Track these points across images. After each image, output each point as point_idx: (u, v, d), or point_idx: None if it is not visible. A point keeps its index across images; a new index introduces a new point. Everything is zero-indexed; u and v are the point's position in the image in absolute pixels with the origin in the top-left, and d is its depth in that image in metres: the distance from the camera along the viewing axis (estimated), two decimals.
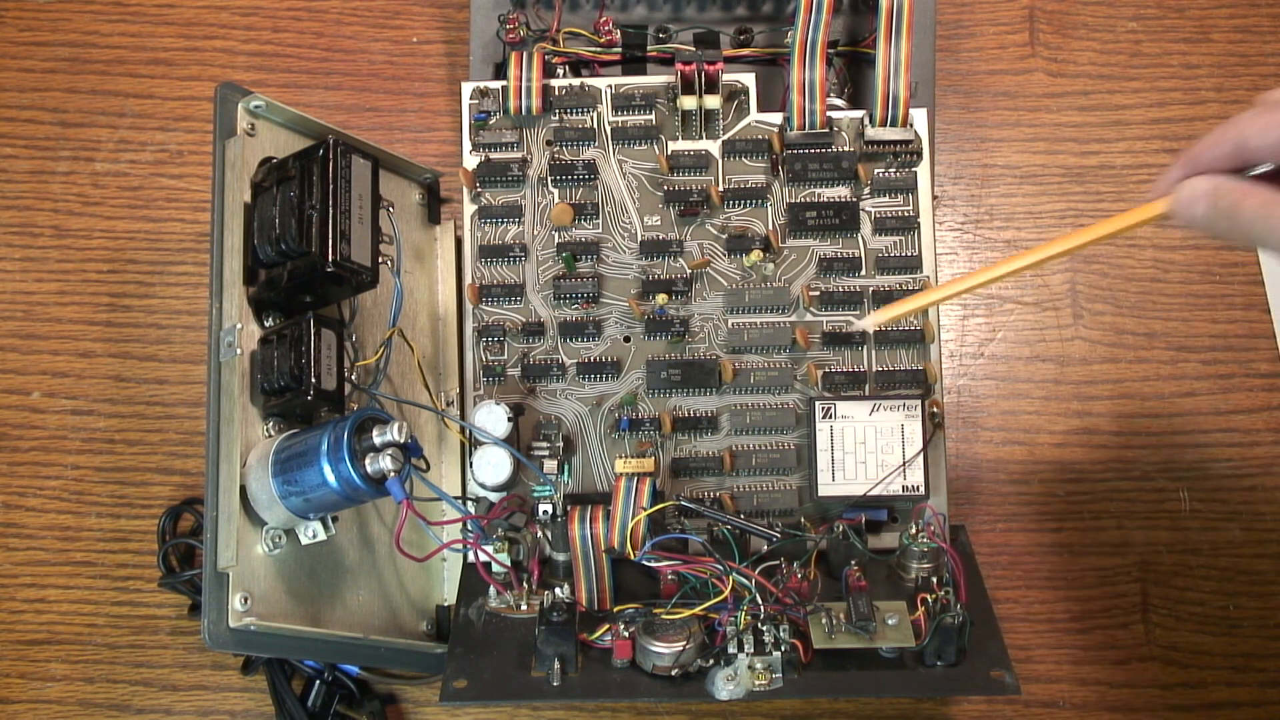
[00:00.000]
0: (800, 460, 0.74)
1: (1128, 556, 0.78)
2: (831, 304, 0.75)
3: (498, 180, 0.76)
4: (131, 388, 0.81)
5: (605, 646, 0.66)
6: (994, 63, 0.86)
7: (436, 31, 0.87)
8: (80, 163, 0.84)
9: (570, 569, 0.69)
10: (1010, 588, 0.78)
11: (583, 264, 0.75)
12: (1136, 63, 0.86)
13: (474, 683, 0.65)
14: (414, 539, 0.71)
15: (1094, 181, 0.84)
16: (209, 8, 0.87)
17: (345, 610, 0.67)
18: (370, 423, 0.61)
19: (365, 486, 0.60)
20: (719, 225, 0.76)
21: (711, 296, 0.75)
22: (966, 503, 0.79)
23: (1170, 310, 0.82)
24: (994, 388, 0.81)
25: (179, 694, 0.77)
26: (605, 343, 0.75)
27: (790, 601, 0.66)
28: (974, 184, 0.84)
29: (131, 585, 0.78)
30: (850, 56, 0.80)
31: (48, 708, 0.77)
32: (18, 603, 0.78)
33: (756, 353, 0.75)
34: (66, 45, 0.86)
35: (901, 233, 0.75)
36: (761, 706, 0.76)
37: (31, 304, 0.82)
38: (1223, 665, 0.77)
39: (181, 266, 0.83)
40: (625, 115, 0.77)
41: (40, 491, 0.80)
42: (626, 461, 0.73)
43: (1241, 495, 0.79)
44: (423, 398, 0.74)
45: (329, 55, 0.86)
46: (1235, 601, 0.78)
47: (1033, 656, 0.77)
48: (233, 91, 0.66)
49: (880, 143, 0.75)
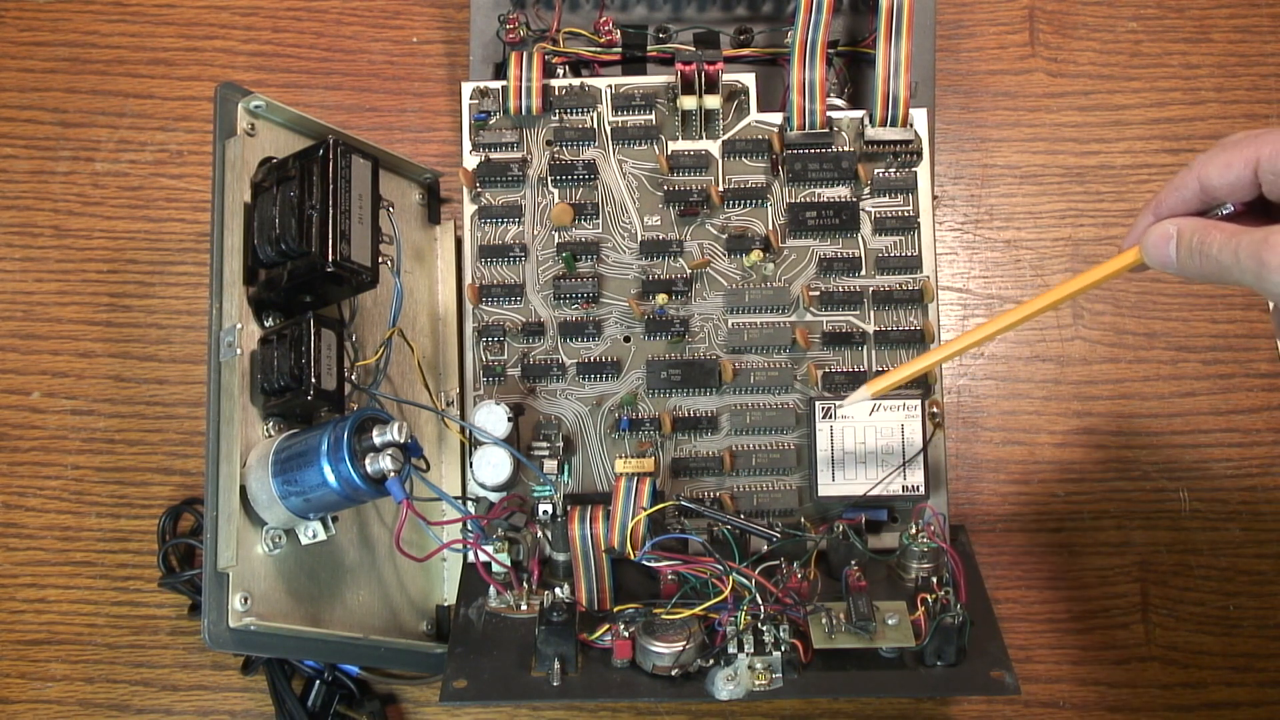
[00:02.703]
0: (800, 460, 0.74)
1: (1128, 556, 0.78)
2: (831, 304, 0.75)
3: (498, 180, 0.76)
4: (131, 388, 0.81)
5: (605, 646, 0.66)
6: (994, 63, 0.86)
7: (436, 31, 0.87)
8: (80, 163, 0.84)
9: (570, 569, 0.69)
10: (1010, 588, 0.78)
11: (583, 264, 0.75)
12: (1136, 63, 0.86)
13: (474, 683, 0.65)
14: (414, 539, 0.71)
15: (1094, 181, 0.84)
16: (209, 8, 0.87)
17: (345, 610, 0.67)
18: (370, 423, 0.61)
19: (365, 486, 0.60)
20: (719, 225, 0.76)
21: (711, 296, 0.75)
22: (966, 503, 0.79)
23: (1170, 310, 0.82)
24: (994, 388, 0.81)
25: (179, 694, 0.77)
26: (605, 343, 0.75)
27: (790, 601, 0.66)
28: (974, 184, 0.84)
29: (131, 585, 0.78)
30: (850, 56, 0.80)
31: (48, 708, 0.77)
32: (18, 603, 0.78)
33: (756, 353, 0.75)
34: (66, 45, 0.86)
35: (901, 233, 0.75)
36: (761, 706, 0.76)
37: (31, 304, 0.82)
38: (1223, 665, 0.77)
39: (181, 266, 0.83)
40: (625, 115, 0.77)
41: (40, 491, 0.80)
42: (626, 461, 0.73)
43: (1241, 495, 0.79)
44: (423, 398, 0.74)
45: (329, 55, 0.86)
46: (1235, 601, 0.78)
47: (1033, 656, 0.77)
48: (233, 91, 0.66)
49: (880, 143, 0.75)
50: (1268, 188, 0.54)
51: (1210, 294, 0.82)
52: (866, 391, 0.65)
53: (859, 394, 0.66)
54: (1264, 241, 0.51)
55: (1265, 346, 0.81)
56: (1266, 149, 0.53)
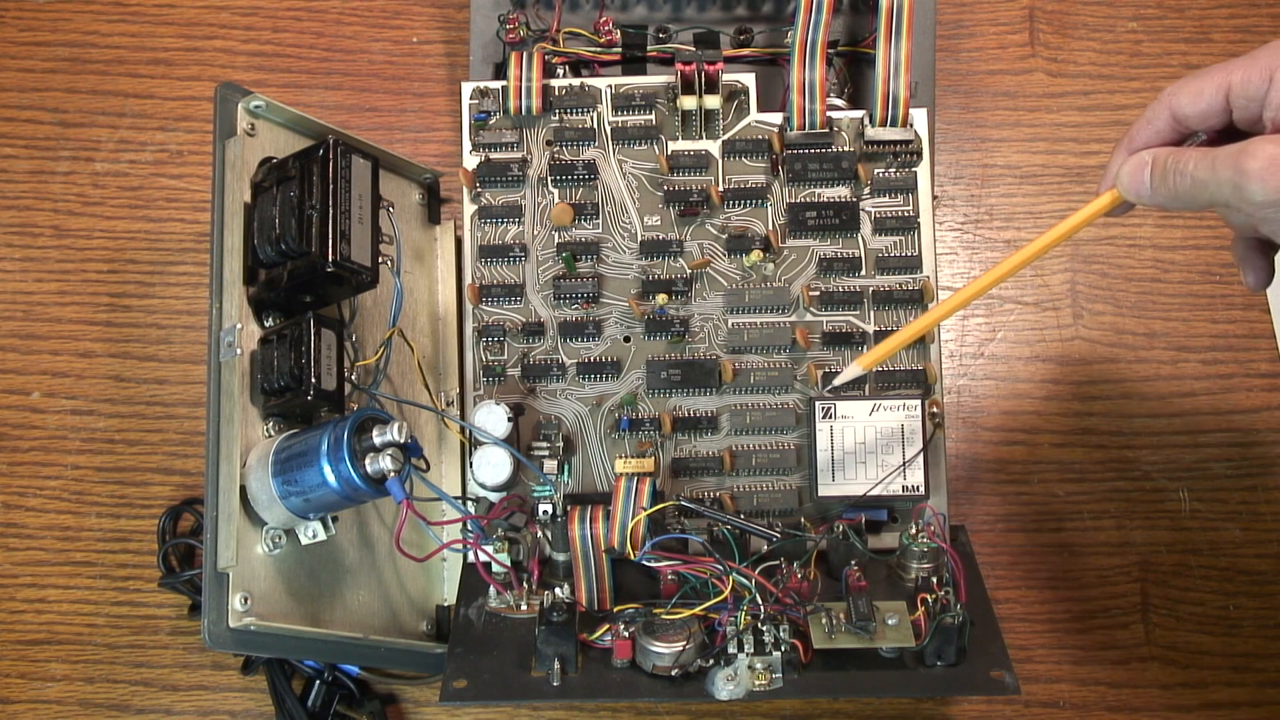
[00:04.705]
0: (800, 460, 0.74)
1: (1128, 556, 0.78)
2: (831, 304, 0.75)
3: (498, 180, 0.76)
4: (131, 388, 0.81)
5: (605, 646, 0.66)
6: (994, 63, 0.86)
7: (436, 31, 0.87)
8: (80, 163, 0.84)
9: (570, 569, 0.69)
10: (1010, 588, 0.78)
11: (583, 264, 0.75)
12: (1136, 63, 0.86)
13: (474, 683, 0.65)
14: (414, 539, 0.71)
15: (1094, 181, 0.84)
16: (209, 8, 0.87)
17: (345, 610, 0.67)
18: (370, 423, 0.61)
19: (365, 486, 0.60)
20: (719, 225, 0.76)
21: (711, 296, 0.75)
22: (966, 503, 0.79)
23: (1170, 310, 0.82)
24: (994, 388, 0.81)
25: (179, 694, 0.77)
26: (605, 343, 0.75)
27: (790, 601, 0.66)
28: (974, 184, 0.84)
29: (131, 585, 0.78)
30: (850, 56, 0.80)
31: (48, 708, 0.77)
32: (18, 603, 0.78)
33: (756, 353, 0.75)
34: (66, 45, 0.86)
35: (901, 233, 0.75)
36: (761, 706, 0.76)
37: (31, 304, 0.82)
38: (1223, 665, 0.77)
39: (181, 266, 0.83)
40: (625, 115, 0.77)
41: (40, 491, 0.80)
42: (626, 461, 0.73)
43: (1241, 495, 0.79)
44: (423, 398, 0.74)
45: (329, 55, 0.86)
46: (1235, 601, 0.78)
47: (1033, 656, 0.77)
48: (233, 91, 0.66)
49: (880, 143, 0.75)
50: (1239, 113, 0.55)
51: (1210, 294, 0.82)
52: (857, 368, 0.66)
53: (849, 370, 0.66)
54: (1242, 150, 0.52)
55: (1265, 346, 0.81)
56: (1238, 74, 0.54)
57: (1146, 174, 0.57)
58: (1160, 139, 0.58)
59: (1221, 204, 0.54)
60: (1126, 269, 0.83)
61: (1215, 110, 0.55)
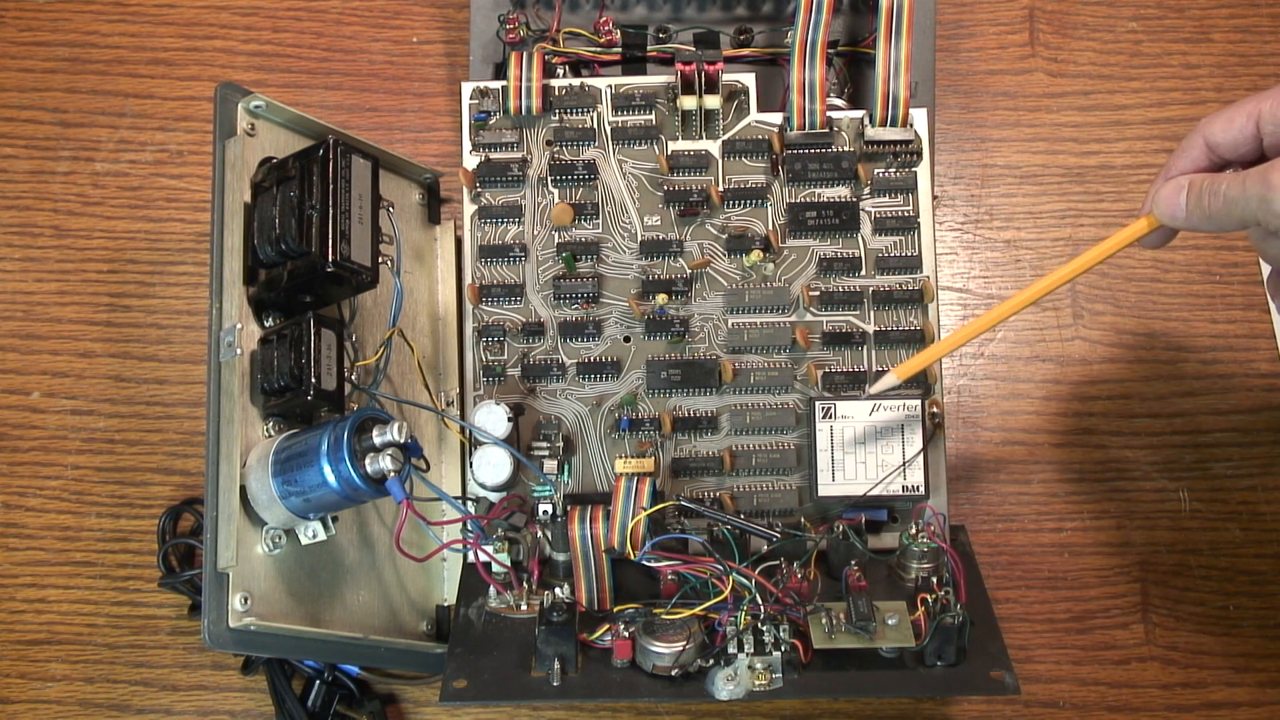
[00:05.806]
0: (800, 460, 0.74)
1: (1128, 556, 0.78)
2: (831, 304, 0.75)
3: (498, 180, 0.76)
4: (131, 388, 0.81)
5: (605, 646, 0.66)
6: (994, 63, 0.86)
7: (436, 31, 0.87)
8: (80, 163, 0.84)
9: (570, 569, 0.69)
10: (1010, 588, 0.78)
11: (583, 264, 0.75)
12: (1136, 63, 0.86)
13: (474, 683, 0.65)
14: (414, 539, 0.71)
15: (1094, 181, 0.84)
16: (209, 8, 0.87)
17: (345, 610, 0.67)
18: (370, 423, 0.61)
19: (365, 486, 0.60)
20: (719, 225, 0.76)
21: (711, 296, 0.75)
22: (966, 503, 0.79)
23: (1170, 310, 0.82)
24: (994, 388, 0.81)
25: (179, 694, 0.77)
26: (605, 343, 0.75)
27: (790, 601, 0.66)
28: (974, 184, 0.84)
29: (131, 585, 0.78)
30: (850, 56, 0.80)
31: (48, 708, 0.77)
32: (18, 603, 0.78)
33: (756, 353, 0.75)
34: (66, 45, 0.86)
35: (901, 233, 0.75)
36: (761, 706, 0.76)
37: (31, 304, 0.82)
38: (1223, 665, 0.77)
39: (181, 266, 0.83)
40: (625, 115, 0.77)
41: (40, 491, 0.80)
42: (626, 461, 0.73)
43: (1241, 495, 0.79)
44: (423, 398, 0.74)
45: (329, 55, 0.86)
46: (1235, 601, 0.78)
47: (1033, 656, 0.77)
48: (233, 91, 0.66)
49: (880, 143, 0.75)
50: (1268, 140, 0.57)
51: (1210, 294, 0.82)
52: (893, 377, 0.68)
53: (886, 379, 0.68)
54: (1270, 166, 0.54)
55: (1265, 346, 0.81)
56: (1268, 103, 0.57)
57: (1182, 197, 0.59)
58: (1195, 167, 0.61)
59: (1252, 221, 0.56)
60: (1126, 269, 0.83)
61: (1246, 138, 0.58)
